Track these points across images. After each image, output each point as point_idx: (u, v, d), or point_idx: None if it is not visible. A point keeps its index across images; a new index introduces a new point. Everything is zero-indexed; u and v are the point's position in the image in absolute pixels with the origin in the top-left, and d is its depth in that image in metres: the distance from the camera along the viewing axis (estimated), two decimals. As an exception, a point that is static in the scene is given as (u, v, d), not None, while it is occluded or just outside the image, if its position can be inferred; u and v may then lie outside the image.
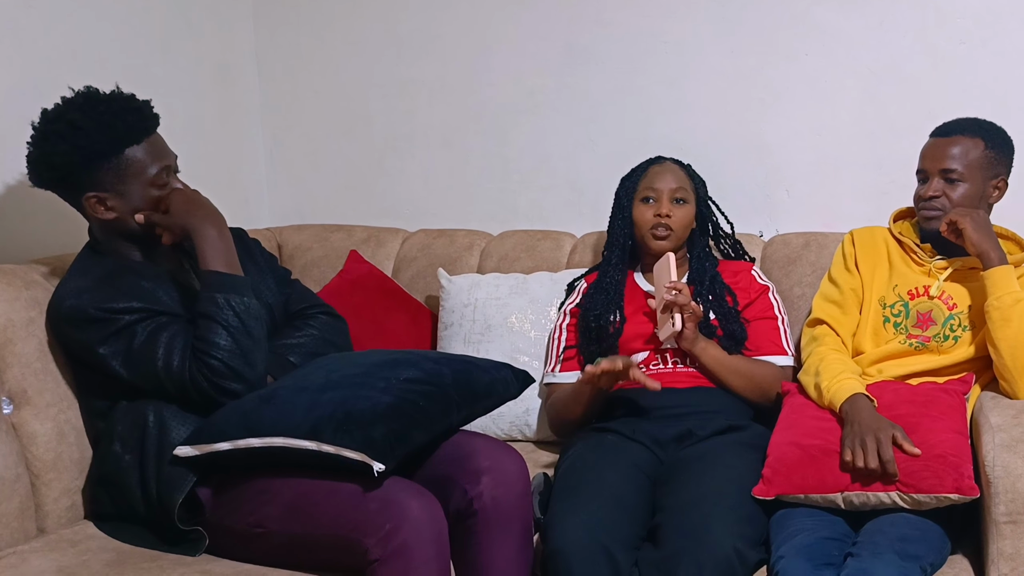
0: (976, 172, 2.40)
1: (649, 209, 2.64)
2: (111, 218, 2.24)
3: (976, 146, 2.40)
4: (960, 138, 2.41)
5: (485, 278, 2.90)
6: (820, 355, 2.41)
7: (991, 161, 2.41)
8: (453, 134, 3.23)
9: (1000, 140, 2.44)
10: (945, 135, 2.43)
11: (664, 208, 2.62)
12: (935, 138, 2.45)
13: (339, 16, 3.28)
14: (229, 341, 2.14)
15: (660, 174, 2.66)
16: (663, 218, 2.62)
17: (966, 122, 2.44)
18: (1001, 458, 2.05)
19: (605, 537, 2.13)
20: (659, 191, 2.63)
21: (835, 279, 2.54)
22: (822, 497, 2.17)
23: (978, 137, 2.41)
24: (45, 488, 2.24)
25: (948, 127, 2.45)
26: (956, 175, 2.39)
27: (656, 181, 2.65)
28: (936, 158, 2.41)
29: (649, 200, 2.64)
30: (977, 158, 2.40)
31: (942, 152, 2.41)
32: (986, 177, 2.41)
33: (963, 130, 2.42)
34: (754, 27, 2.91)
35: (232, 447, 2.07)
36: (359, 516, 1.99)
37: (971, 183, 2.40)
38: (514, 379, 2.34)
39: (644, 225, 2.64)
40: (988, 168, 2.41)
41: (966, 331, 2.40)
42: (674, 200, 2.63)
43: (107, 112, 2.21)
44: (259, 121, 3.40)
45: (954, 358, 2.41)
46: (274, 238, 3.22)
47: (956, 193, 2.39)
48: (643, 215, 2.65)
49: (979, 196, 2.41)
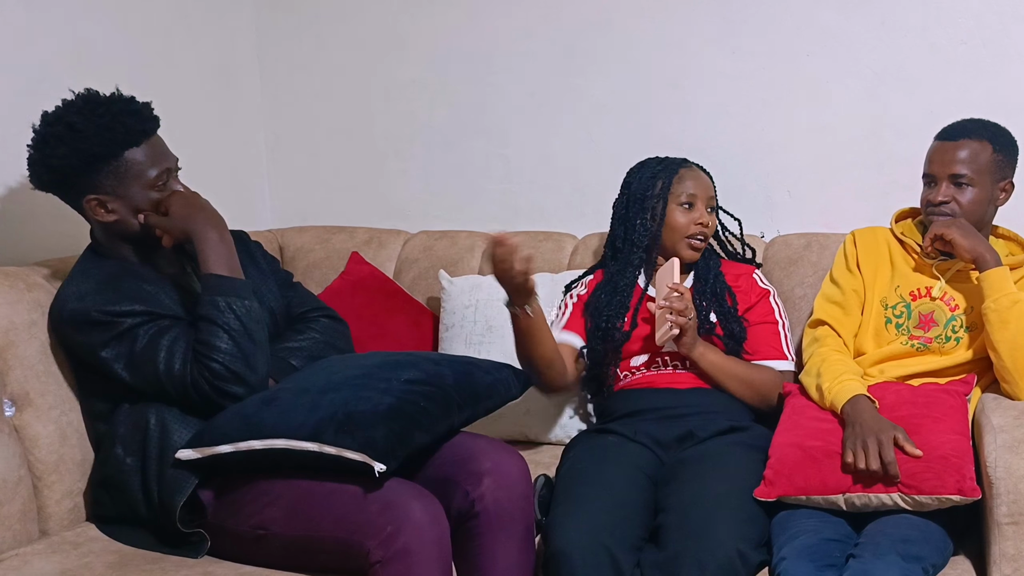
0: (985, 176, 2.37)
1: (688, 215, 2.57)
2: (111, 220, 2.24)
3: (984, 149, 2.37)
4: (968, 141, 2.37)
5: (487, 279, 2.88)
6: (822, 356, 2.40)
7: (999, 164, 2.38)
8: (454, 135, 3.23)
9: (1007, 142, 2.41)
10: (952, 138, 2.39)
11: (704, 216, 2.57)
12: (942, 141, 2.41)
13: (341, 17, 3.28)
14: (230, 344, 2.14)
15: (695, 179, 2.60)
16: (704, 227, 2.57)
17: (972, 124, 2.41)
18: (1003, 459, 2.05)
19: (607, 538, 2.13)
20: (697, 197, 2.58)
21: (837, 280, 2.52)
22: (824, 499, 2.17)
23: (986, 140, 2.38)
24: (47, 490, 2.24)
25: (955, 130, 2.40)
26: (966, 180, 2.36)
27: (693, 187, 2.58)
28: (944, 162, 2.37)
29: (688, 206, 2.58)
30: (986, 162, 2.37)
31: (950, 156, 2.37)
32: (994, 180, 2.39)
33: (970, 133, 2.38)
34: (756, 27, 2.90)
35: (234, 449, 2.07)
36: (361, 518, 1.99)
37: (980, 187, 2.37)
38: (515, 380, 2.34)
39: (681, 231, 2.57)
40: (996, 171, 2.38)
41: (968, 332, 2.39)
42: (708, 209, 2.60)
43: (106, 115, 2.20)
44: (260, 122, 3.40)
45: (956, 359, 2.40)
46: (275, 240, 3.22)
47: (965, 198, 2.36)
48: (680, 221, 2.57)
49: (988, 200, 2.39)
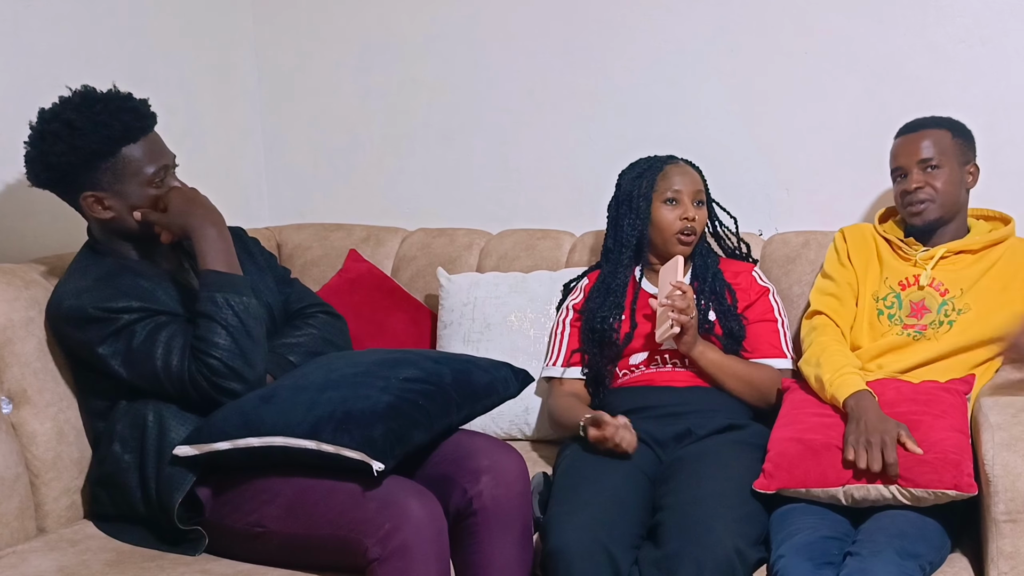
0: (951, 159, 2.50)
1: (673, 211, 2.58)
2: (109, 217, 2.24)
3: (944, 136, 2.51)
4: (927, 131, 2.52)
5: (485, 277, 2.89)
6: (822, 345, 2.42)
7: (961, 148, 2.52)
8: (453, 133, 3.23)
9: (962, 129, 2.54)
10: (913, 131, 2.54)
11: (690, 211, 2.58)
12: (903, 136, 2.55)
13: (339, 15, 3.28)
14: (228, 341, 2.14)
15: (680, 175, 2.61)
16: (691, 221, 2.58)
17: (926, 119, 2.55)
18: (1001, 457, 2.05)
19: (605, 536, 2.13)
20: (682, 193, 2.59)
21: (830, 273, 2.57)
22: (823, 491, 2.17)
23: (943, 128, 2.52)
24: (45, 488, 2.24)
25: (913, 124, 2.56)
26: (934, 162, 2.49)
27: (678, 182, 2.59)
28: (910, 152, 2.51)
29: (672, 202, 2.59)
30: (949, 146, 2.50)
31: (915, 146, 2.51)
32: (960, 163, 2.51)
33: (927, 124, 2.54)
34: (754, 25, 2.91)
35: (232, 447, 2.06)
36: (359, 516, 1.99)
37: (949, 169, 2.49)
38: (514, 378, 2.34)
39: (668, 228, 2.58)
40: (960, 154, 2.51)
41: (961, 315, 2.43)
42: (695, 203, 2.61)
43: (103, 111, 2.19)
44: (259, 120, 3.39)
45: (952, 344, 2.42)
46: (273, 237, 3.22)
47: (938, 181, 2.49)
48: (667, 217, 2.58)
49: (959, 181, 2.51)
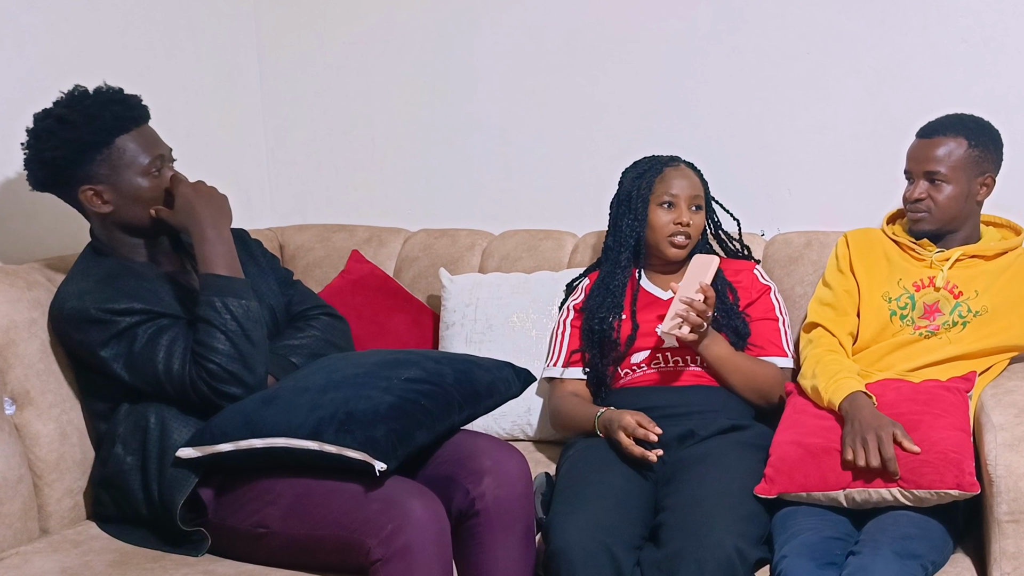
0: (960, 172, 2.40)
1: (668, 215, 2.58)
2: (108, 211, 2.24)
3: (959, 146, 2.40)
4: (942, 139, 2.41)
5: (487, 277, 2.89)
6: (816, 357, 2.41)
7: (975, 160, 2.41)
8: (454, 133, 3.23)
9: (984, 137, 2.43)
10: (928, 136, 2.44)
11: (685, 216, 2.57)
12: (919, 139, 2.45)
13: (341, 15, 3.28)
14: (228, 346, 2.13)
15: (677, 178, 2.60)
16: (684, 226, 2.57)
17: (949, 121, 2.44)
18: (1003, 457, 2.05)
19: (607, 537, 2.13)
20: (678, 197, 2.58)
21: (828, 282, 2.54)
22: (824, 495, 2.17)
23: (961, 136, 2.41)
24: (48, 489, 2.24)
25: (931, 127, 2.45)
26: (940, 177, 2.40)
27: (674, 186, 2.59)
28: (920, 160, 2.42)
29: (667, 205, 2.59)
30: (960, 158, 2.40)
31: (925, 154, 2.41)
32: (971, 176, 2.41)
33: (945, 130, 2.42)
34: (756, 25, 2.90)
35: (234, 448, 2.07)
36: (361, 516, 1.99)
37: (955, 184, 2.40)
38: (516, 378, 2.34)
39: (662, 231, 2.58)
40: (973, 167, 2.41)
41: (977, 316, 2.40)
42: (692, 207, 2.60)
43: (93, 104, 2.20)
44: (261, 121, 3.39)
45: (964, 348, 2.39)
46: (276, 238, 3.22)
47: (940, 195, 2.41)
48: (661, 220, 2.58)
49: (964, 196, 2.42)
